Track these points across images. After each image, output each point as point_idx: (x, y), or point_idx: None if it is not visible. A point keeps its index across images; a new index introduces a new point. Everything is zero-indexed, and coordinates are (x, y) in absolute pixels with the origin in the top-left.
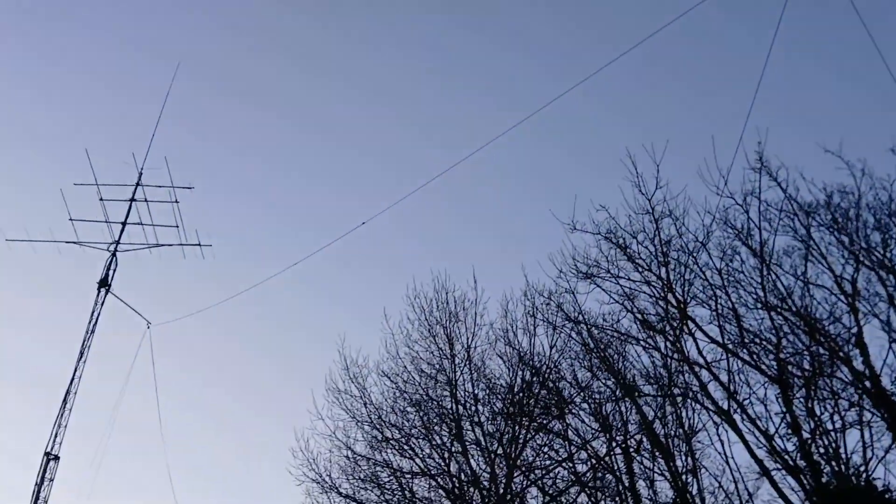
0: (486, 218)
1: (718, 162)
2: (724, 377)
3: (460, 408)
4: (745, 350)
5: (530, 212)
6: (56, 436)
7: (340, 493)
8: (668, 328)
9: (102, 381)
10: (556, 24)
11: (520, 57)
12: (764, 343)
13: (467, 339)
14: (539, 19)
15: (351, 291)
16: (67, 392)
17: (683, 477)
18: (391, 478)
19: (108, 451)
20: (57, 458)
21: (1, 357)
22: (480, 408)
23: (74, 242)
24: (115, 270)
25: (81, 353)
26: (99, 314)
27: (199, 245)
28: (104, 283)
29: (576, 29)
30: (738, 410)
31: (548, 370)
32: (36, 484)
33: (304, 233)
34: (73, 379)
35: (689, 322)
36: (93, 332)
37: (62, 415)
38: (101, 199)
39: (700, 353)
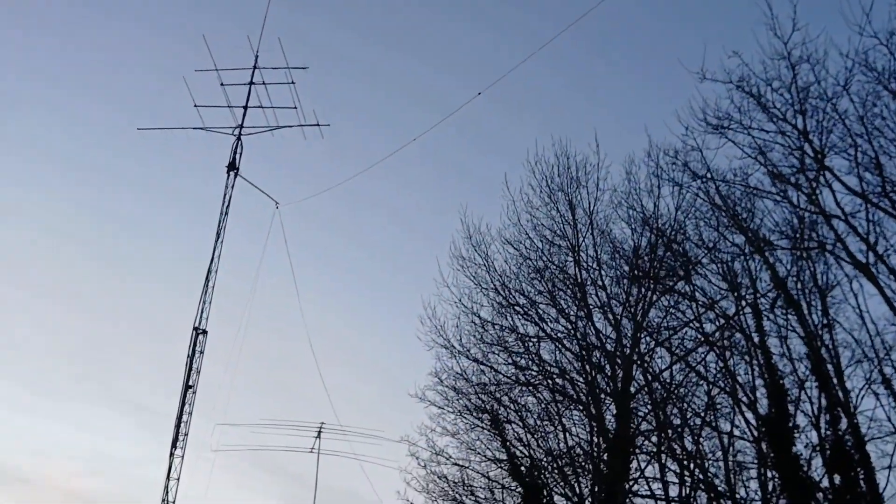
0: (607, 78)
1: None
2: (862, 229)
3: (584, 272)
4: (886, 200)
5: (655, 66)
6: (202, 312)
7: (469, 357)
8: (802, 180)
9: (239, 260)
10: None
11: None
12: None
13: (589, 203)
14: None
15: (471, 163)
16: (209, 271)
17: (817, 332)
18: (517, 342)
19: (251, 324)
20: (205, 332)
21: (148, 241)
22: (604, 272)
23: (201, 128)
24: (241, 154)
25: (218, 234)
26: (231, 196)
27: (318, 125)
28: (232, 167)
29: None
30: (877, 263)
31: (673, 231)
32: (188, 356)
33: (421, 107)
34: (212, 258)
35: (827, 172)
36: (226, 213)
37: (206, 292)
38: (221, 85)
39: (837, 204)
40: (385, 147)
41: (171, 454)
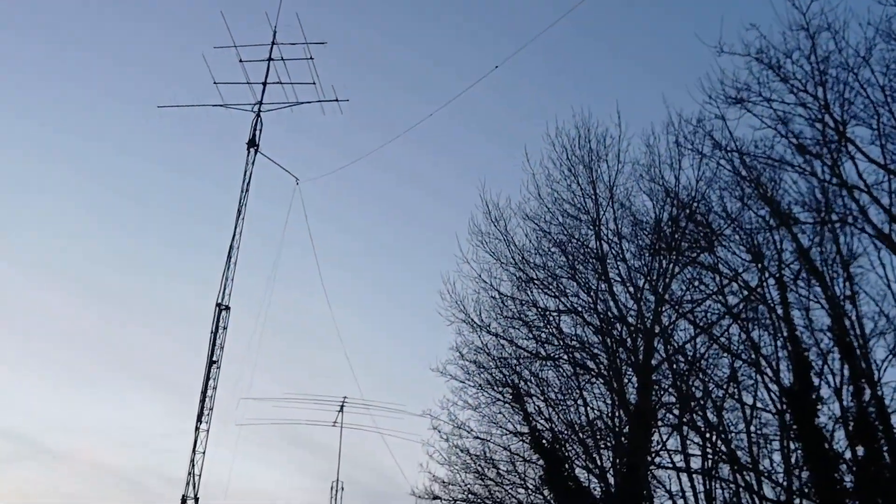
0: (625, 50)
1: None
2: (885, 200)
3: (605, 245)
4: None
5: (674, 38)
6: (225, 288)
7: (490, 332)
8: (824, 151)
9: (261, 236)
10: None
11: None
12: None
13: (610, 176)
14: None
15: (489, 138)
16: (231, 247)
17: (841, 303)
18: (538, 316)
19: (273, 299)
20: (228, 308)
21: (167, 219)
22: (626, 245)
23: (221, 105)
24: (261, 130)
25: (239, 211)
26: (251, 173)
27: (337, 100)
28: (252, 143)
29: None
30: None
31: (695, 203)
32: (212, 332)
33: (440, 82)
34: (234, 235)
35: (848, 143)
36: (247, 190)
37: (228, 268)
38: (240, 61)
39: (860, 175)
40: (404, 121)
41: (197, 428)
